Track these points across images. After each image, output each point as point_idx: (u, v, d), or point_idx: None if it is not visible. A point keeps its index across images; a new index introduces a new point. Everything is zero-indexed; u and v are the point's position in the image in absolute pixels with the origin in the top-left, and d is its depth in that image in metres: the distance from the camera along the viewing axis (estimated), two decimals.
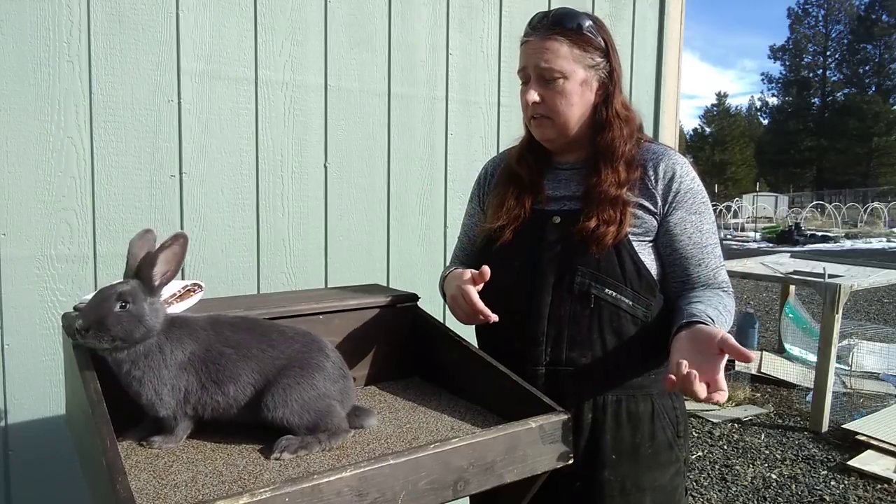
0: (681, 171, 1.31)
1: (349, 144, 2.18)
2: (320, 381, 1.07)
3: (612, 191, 1.27)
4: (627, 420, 1.31)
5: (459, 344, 1.33)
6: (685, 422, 1.39)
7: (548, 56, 1.28)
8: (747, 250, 15.41)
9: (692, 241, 1.31)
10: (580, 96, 1.31)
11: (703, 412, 4.43)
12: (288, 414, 1.04)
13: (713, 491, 3.36)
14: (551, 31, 1.28)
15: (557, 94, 1.30)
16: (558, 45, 1.28)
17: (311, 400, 1.05)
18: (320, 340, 1.15)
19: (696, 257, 1.32)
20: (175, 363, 1.04)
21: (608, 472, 1.30)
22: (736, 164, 51.97)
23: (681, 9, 2.98)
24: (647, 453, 1.32)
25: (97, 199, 1.76)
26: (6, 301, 1.66)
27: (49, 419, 1.72)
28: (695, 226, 1.31)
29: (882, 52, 51.11)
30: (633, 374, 1.31)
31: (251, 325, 1.13)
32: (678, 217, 1.31)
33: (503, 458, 1.02)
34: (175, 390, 1.04)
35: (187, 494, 0.89)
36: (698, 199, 1.32)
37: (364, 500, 0.87)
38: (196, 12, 1.86)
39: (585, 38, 1.29)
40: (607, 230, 1.25)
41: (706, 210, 1.33)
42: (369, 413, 1.17)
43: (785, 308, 5.84)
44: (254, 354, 1.07)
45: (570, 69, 1.29)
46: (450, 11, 2.33)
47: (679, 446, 1.36)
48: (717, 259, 1.34)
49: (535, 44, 1.30)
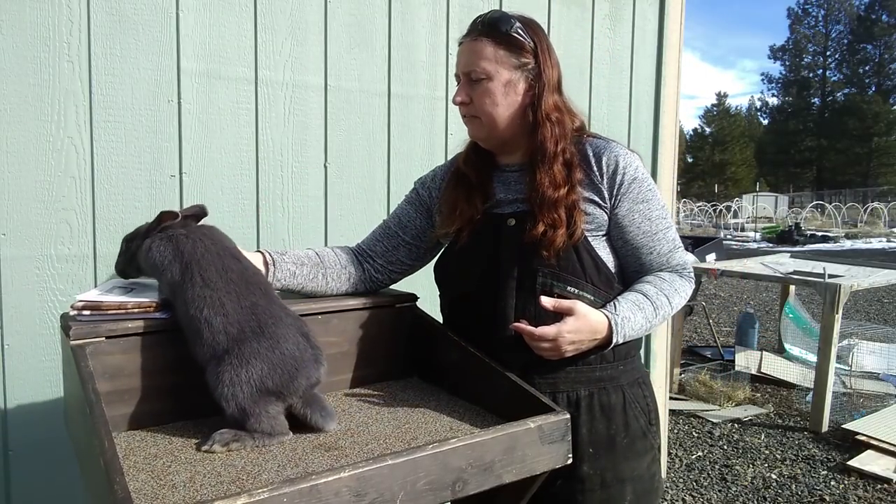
0: (623, 162, 1.33)
1: (349, 144, 2.18)
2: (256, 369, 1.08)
3: (549, 192, 1.28)
4: (601, 412, 1.33)
5: (458, 344, 1.33)
6: (656, 409, 1.43)
7: (473, 58, 1.31)
8: (747, 250, 15.41)
9: (641, 231, 1.34)
10: (504, 96, 1.32)
11: (703, 412, 4.43)
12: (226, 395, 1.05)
13: (713, 491, 3.36)
14: (479, 33, 1.31)
15: (482, 94, 1.32)
16: (483, 46, 1.30)
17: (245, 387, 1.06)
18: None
19: (647, 245, 1.35)
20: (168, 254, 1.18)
21: (587, 467, 1.31)
22: (736, 164, 51.93)
23: (681, 9, 2.98)
24: (622, 444, 1.34)
25: (97, 199, 1.76)
26: (6, 301, 1.67)
27: (49, 419, 1.72)
28: (642, 214, 1.34)
29: (882, 52, 51.08)
30: (602, 367, 1.34)
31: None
32: (626, 208, 1.33)
33: (502, 459, 1.03)
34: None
35: (185, 495, 0.89)
36: (643, 187, 1.34)
37: (362, 500, 0.87)
38: (196, 12, 1.86)
39: (511, 40, 1.30)
40: (556, 234, 1.27)
41: (653, 197, 1.35)
42: (331, 416, 1.14)
43: (785, 308, 5.84)
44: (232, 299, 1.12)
45: (493, 69, 1.30)
46: (450, 11, 2.33)
47: (653, 434, 1.40)
48: (670, 243, 1.37)
49: (466, 46, 1.34)
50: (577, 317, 1.24)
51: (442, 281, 1.49)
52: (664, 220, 1.36)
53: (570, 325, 1.23)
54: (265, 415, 1.06)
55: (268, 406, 1.06)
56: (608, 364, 1.34)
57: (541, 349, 1.25)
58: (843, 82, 53.31)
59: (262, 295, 1.15)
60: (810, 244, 17.84)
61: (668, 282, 1.35)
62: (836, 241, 19.19)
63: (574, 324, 1.23)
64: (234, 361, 1.05)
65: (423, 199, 1.52)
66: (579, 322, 1.24)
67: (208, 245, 1.17)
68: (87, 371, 0.99)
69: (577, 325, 1.23)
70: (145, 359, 1.12)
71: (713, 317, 7.66)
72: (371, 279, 1.49)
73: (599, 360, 1.33)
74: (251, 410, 1.05)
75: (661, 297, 1.32)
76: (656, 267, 1.37)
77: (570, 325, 1.23)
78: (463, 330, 1.38)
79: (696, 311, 6.96)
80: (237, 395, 1.04)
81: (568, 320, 1.23)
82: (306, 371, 1.10)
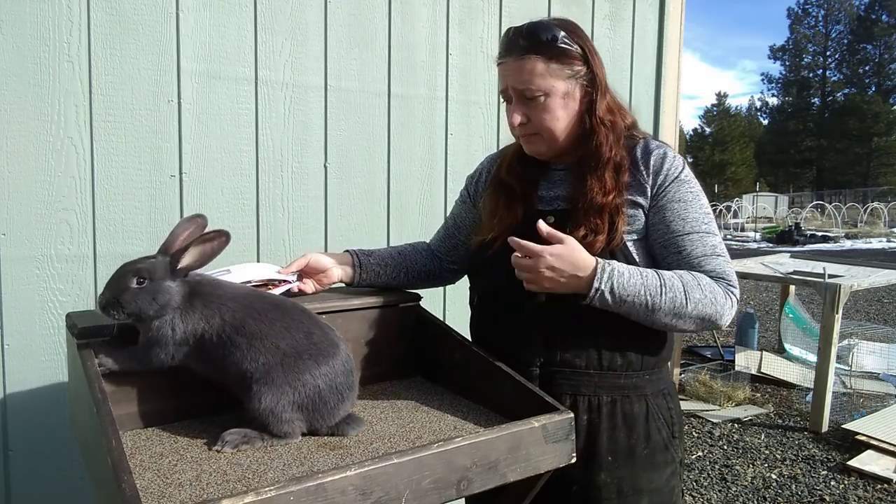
0: (669, 163, 1.29)
1: (349, 144, 2.18)
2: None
3: (597, 199, 1.25)
4: (623, 421, 1.30)
5: (462, 344, 1.33)
6: (680, 422, 1.38)
7: (525, 77, 1.26)
8: (747, 250, 15.42)
9: (671, 229, 1.27)
10: (564, 109, 1.29)
11: (703, 412, 4.43)
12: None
13: (713, 491, 3.36)
14: (525, 49, 1.26)
15: (541, 112, 1.28)
16: (533, 63, 1.25)
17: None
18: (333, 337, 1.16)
19: (677, 245, 1.26)
20: (179, 340, 1.07)
21: (605, 475, 1.28)
22: (736, 164, 51.96)
23: (681, 9, 2.99)
24: (642, 454, 1.30)
25: (97, 199, 1.76)
26: (6, 301, 1.66)
27: (49, 419, 1.72)
28: (676, 213, 1.27)
29: (882, 52, 51.17)
30: (627, 374, 1.30)
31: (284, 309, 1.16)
32: (659, 206, 1.28)
33: (506, 458, 1.02)
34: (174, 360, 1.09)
35: (192, 493, 0.89)
36: (684, 188, 1.28)
37: (368, 498, 0.87)
38: (196, 12, 1.86)
39: (561, 50, 1.26)
40: (596, 239, 1.24)
41: (693, 199, 1.28)
42: (358, 422, 1.15)
43: (785, 308, 5.84)
44: (276, 331, 1.09)
45: (550, 85, 1.26)
46: (450, 11, 2.33)
47: (675, 447, 1.35)
48: (706, 248, 1.26)
49: (512, 64, 1.28)
50: (566, 245, 1.17)
51: (474, 275, 1.48)
52: (703, 225, 1.27)
53: (555, 249, 1.17)
54: (297, 428, 1.09)
55: (302, 424, 1.09)
56: (634, 372, 1.30)
57: (520, 265, 1.19)
58: (843, 82, 53.40)
59: (307, 318, 1.15)
60: (810, 244, 17.84)
61: (694, 276, 1.23)
62: (836, 241, 19.20)
63: (560, 249, 1.17)
64: (287, 388, 1.06)
65: (471, 196, 1.53)
66: (566, 250, 1.17)
67: (235, 308, 1.11)
68: (93, 370, 0.99)
69: (561, 252, 1.17)
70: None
71: None
72: (449, 271, 1.60)
73: (625, 368, 1.29)
74: (289, 430, 1.07)
75: (675, 281, 1.21)
76: (685, 268, 1.26)
77: (556, 249, 1.17)
78: (488, 326, 1.37)
79: None
80: (282, 417, 1.06)
81: (556, 246, 1.17)
82: (351, 400, 1.14)
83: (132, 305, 1.03)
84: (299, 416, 1.07)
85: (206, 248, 1.07)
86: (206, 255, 1.07)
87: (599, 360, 1.28)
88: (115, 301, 1.02)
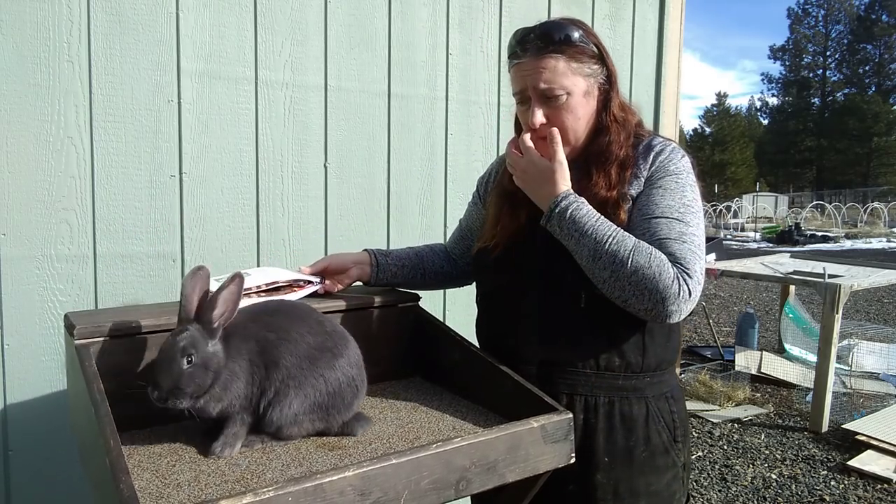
0: (664, 157, 1.29)
1: (349, 144, 2.18)
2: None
3: (601, 193, 1.26)
4: (621, 422, 1.28)
5: (461, 344, 1.33)
6: (685, 426, 1.36)
7: (546, 76, 1.24)
8: (747, 250, 15.41)
9: (642, 213, 1.24)
10: (585, 107, 1.29)
11: (703, 412, 4.43)
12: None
13: (713, 491, 3.36)
14: (544, 48, 1.24)
15: (563, 112, 1.27)
16: (555, 61, 1.24)
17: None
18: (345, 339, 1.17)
19: (642, 227, 1.22)
20: (244, 372, 1.05)
21: (601, 476, 1.27)
22: (736, 164, 51.97)
23: (681, 9, 2.99)
24: (641, 457, 1.29)
25: (97, 199, 1.76)
26: (6, 301, 1.66)
27: (49, 419, 1.72)
28: (651, 198, 1.24)
29: (882, 52, 51.17)
30: (626, 375, 1.29)
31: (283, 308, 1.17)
32: (642, 192, 1.27)
33: (505, 458, 1.02)
34: (246, 395, 1.06)
35: (190, 494, 0.89)
36: (669, 178, 1.26)
37: (367, 499, 0.87)
38: (196, 12, 1.86)
39: (579, 49, 1.25)
40: None
41: (674, 188, 1.24)
42: (367, 421, 1.16)
43: (785, 308, 5.84)
44: (293, 338, 1.09)
45: (572, 84, 1.26)
46: (450, 11, 2.32)
47: (677, 451, 1.33)
48: (672, 233, 1.19)
49: (530, 64, 1.26)
50: (553, 163, 1.25)
51: (478, 273, 1.48)
52: (675, 212, 1.22)
53: (536, 157, 1.26)
54: (307, 431, 1.10)
55: (319, 424, 1.10)
56: (633, 374, 1.29)
57: (510, 155, 1.31)
58: (843, 82, 53.41)
59: (314, 314, 1.16)
60: (810, 244, 17.84)
61: (651, 249, 1.16)
62: (836, 241, 19.19)
63: (540, 160, 1.25)
64: (310, 390, 1.07)
65: (482, 198, 1.54)
66: (546, 165, 1.25)
67: (257, 329, 1.10)
68: (91, 370, 0.99)
69: (540, 163, 1.25)
70: (149, 358, 1.12)
71: (713, 317, 7.66)
72: (465, 273, 1.60)
73: (624, 369, 1.28)
74: (302, 433, 1.08)
75: (627, 239, 1.17)
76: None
77: (537, 157, 1.26)
78: (491, 323, 1.37)
79: (696, 312, 6.96)
80: (302, 421, 1.07)
81: (544, 158, 1.25)
82: (363, 393, 1.15)
83: (192, 387, 0.98)
84: (317, 415, 1.08)
85: (227, 295, 1.03)
86: (231, 301, 1.04)
87: (597, 360, 1.28)
88: (177, 389, 0.97)
